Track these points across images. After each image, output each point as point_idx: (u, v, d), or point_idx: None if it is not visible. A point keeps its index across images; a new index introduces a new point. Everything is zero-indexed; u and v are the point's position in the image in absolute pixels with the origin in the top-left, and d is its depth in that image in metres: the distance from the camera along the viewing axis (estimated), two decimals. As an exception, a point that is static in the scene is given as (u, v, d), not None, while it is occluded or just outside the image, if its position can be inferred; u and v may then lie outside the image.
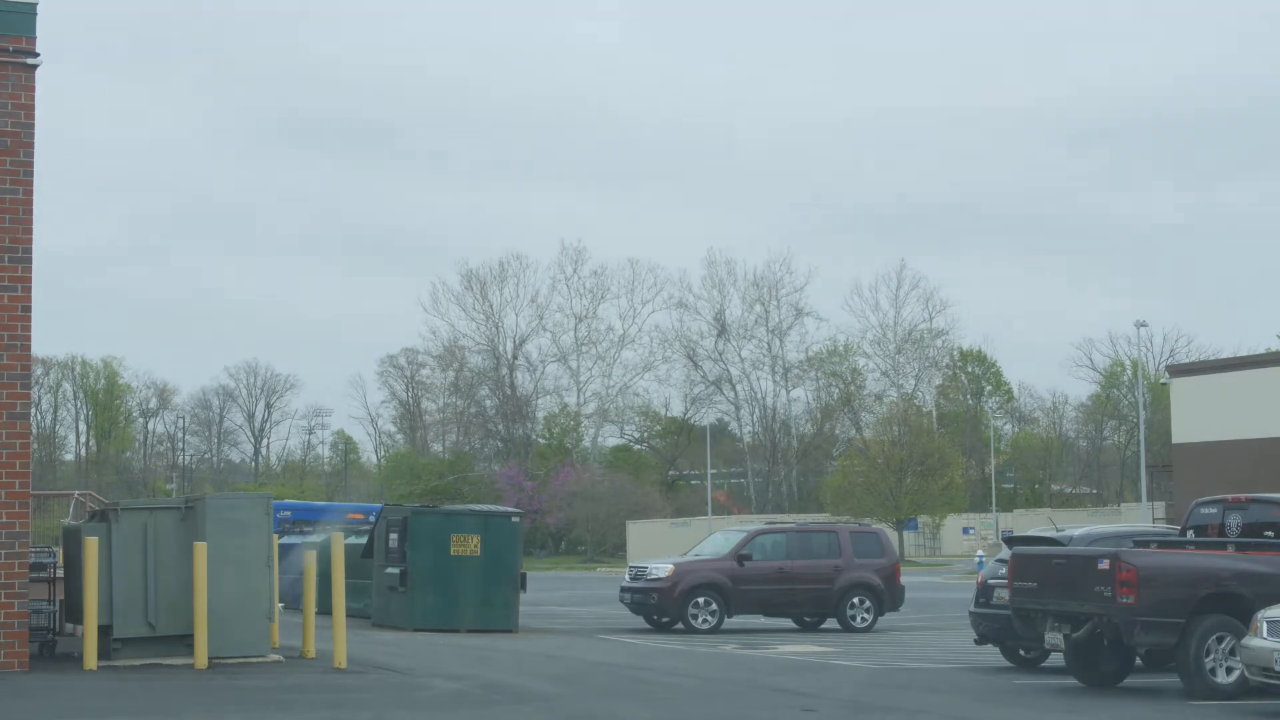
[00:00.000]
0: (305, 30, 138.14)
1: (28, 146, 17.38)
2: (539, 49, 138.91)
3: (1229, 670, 17.04)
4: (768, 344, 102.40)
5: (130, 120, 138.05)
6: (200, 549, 18.03)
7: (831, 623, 30.30)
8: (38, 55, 17.51)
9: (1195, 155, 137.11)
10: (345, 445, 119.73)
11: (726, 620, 29.52)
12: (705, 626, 28.93)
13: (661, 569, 29.80)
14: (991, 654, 21.93)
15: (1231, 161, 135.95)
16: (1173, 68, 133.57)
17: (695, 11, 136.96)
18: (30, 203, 17.39)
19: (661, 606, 29.48)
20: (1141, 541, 19.49)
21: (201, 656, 17.99)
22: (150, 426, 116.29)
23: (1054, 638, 18.18)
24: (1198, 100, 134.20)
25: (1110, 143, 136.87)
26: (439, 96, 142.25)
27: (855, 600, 30.06)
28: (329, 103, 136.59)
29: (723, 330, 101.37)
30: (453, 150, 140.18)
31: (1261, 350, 66.28)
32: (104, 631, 18.19)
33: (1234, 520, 19.17)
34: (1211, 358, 74.96)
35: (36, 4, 17.63)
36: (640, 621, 30.23)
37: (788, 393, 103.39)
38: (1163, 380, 78.66)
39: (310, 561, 20.52)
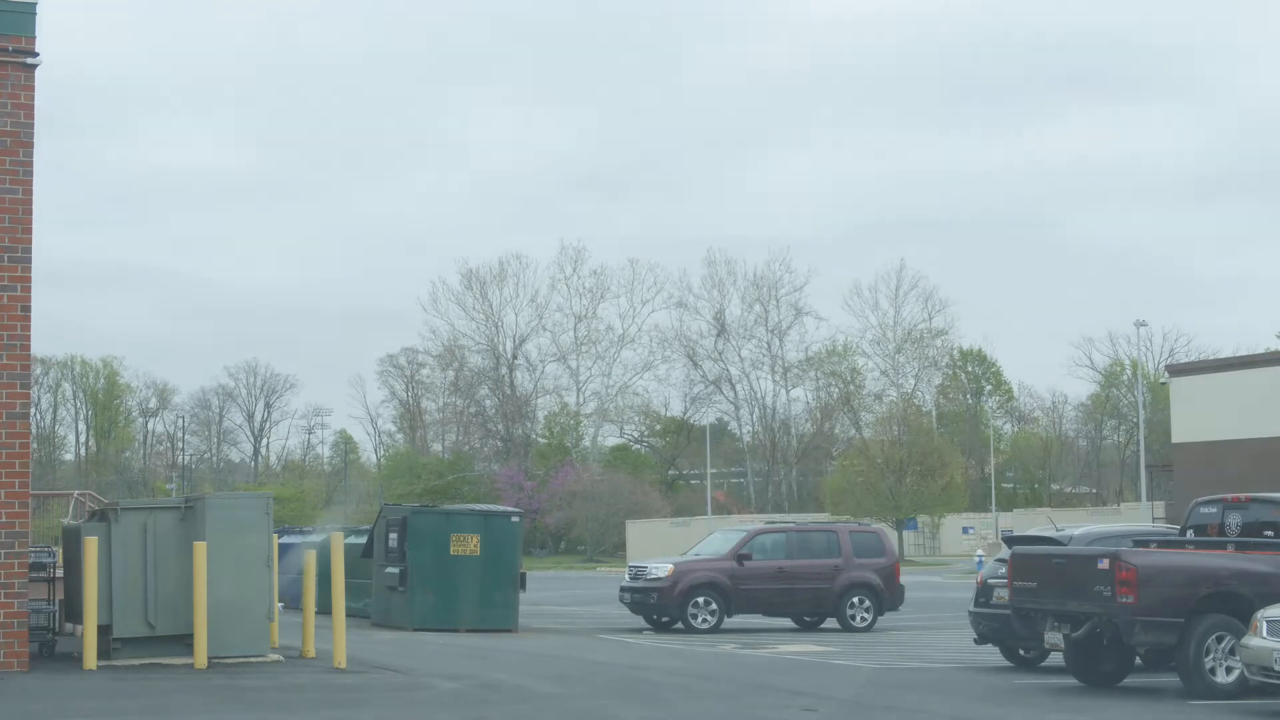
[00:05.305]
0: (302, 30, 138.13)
1: (27, 146, 17.38)
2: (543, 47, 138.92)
3: (1229, 670, 17.03)
4: (767, 344, 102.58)
5: (128, 118, 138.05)
6: (200, 549, 18.03)
7: (831, 622, 30.30)
8: (37, 55, 17.51)
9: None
10: (345, 445, 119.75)
11: (726, 620, 29.52)
12: (705, 626, 28.93)
13: (661, 569, 29.81)
14: (991, 654, 21.92)
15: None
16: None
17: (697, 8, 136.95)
18: (30, 203, 17.39)
19: (661, 606, 29.48)
20: (1141, 541, 19.48)
21: (201, 656, 17.99)
22: (150, 426, 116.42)
23: (1054, 637, 18.17)
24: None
25: (1109, 138, 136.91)
26: (438, 93, 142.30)
27: (855, 600, 30.07)
28: (325, 101, 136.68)
29: (722, 330, 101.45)
30: (453, 145, 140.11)
31: (1261, 350, 66.21)
32: (104, 631, 18.19)
33: (1234, 520, 19.16)
34: (1211, 358, 74.94)
35: (36, 4, 17.63)
36: (640, 621, 30.24)
37: (787, 392, 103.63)
38: (1162, 380, 78.69)
39: (310, 561, 20.52)
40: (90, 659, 17.87)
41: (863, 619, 29.96)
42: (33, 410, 41.14)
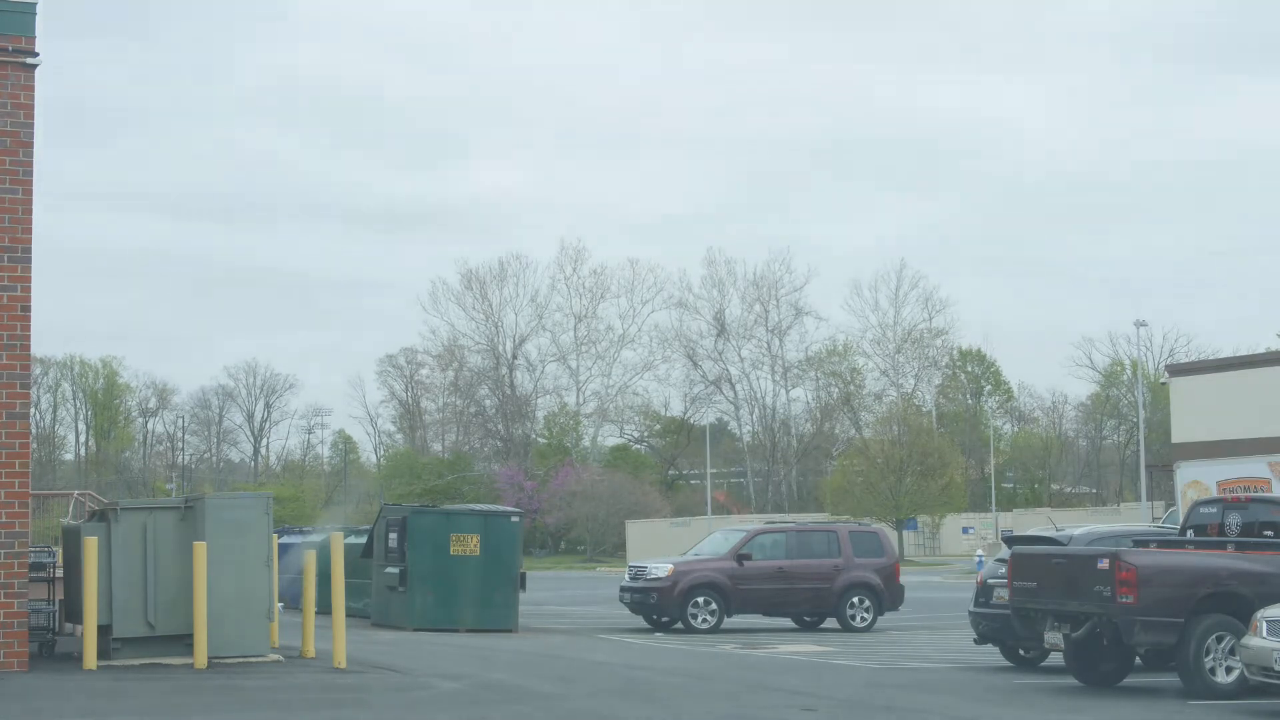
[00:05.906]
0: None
1: (27, 146, 17.39)
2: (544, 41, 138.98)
3: (1229, 670, 17.03)
4: (767, 343, 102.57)
5: (126, 113, 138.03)
6: (200, 549, 18.03)
7: (831, 622, 30.30)
8: (37, 55, 17.51)
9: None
10: (345, 445, 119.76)
11: (726, 620, 29.52)
12: (705, 626, 28.93)
13: (661, 569, 29.81)
14: (991, 654, 21.92)
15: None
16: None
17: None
18: (30, 203, 17.40)
19: (661, 606, 29.48)
20: (1141, 541, 19.48)
21: (201, 656, 17.99)
22: (150, 426, 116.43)
23: (1054, 637, 18.17)
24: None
25: (1107, 138, 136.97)
26: (438, 95, 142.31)
27: (855, 600, 30.06)
28: (324, 101, 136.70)
29: (722, 330, 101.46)
30: (452, 146, 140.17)
31: (1261, 350, 66.17)
32: (103, 631, 18.20)
33: (1234, 520, 19.17)
34: (1211, 357, 74.92)
35: (36, 4, 17.63)
36: (640, 621, 30.24)
37: (787, 392, 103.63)
38: (1162, 380, 78.66)
39: (310, 561, 20.52)
40: (90, 659, 17.88)
41: (863, 619, 29.96)
42: (33, 410, 41.14)
